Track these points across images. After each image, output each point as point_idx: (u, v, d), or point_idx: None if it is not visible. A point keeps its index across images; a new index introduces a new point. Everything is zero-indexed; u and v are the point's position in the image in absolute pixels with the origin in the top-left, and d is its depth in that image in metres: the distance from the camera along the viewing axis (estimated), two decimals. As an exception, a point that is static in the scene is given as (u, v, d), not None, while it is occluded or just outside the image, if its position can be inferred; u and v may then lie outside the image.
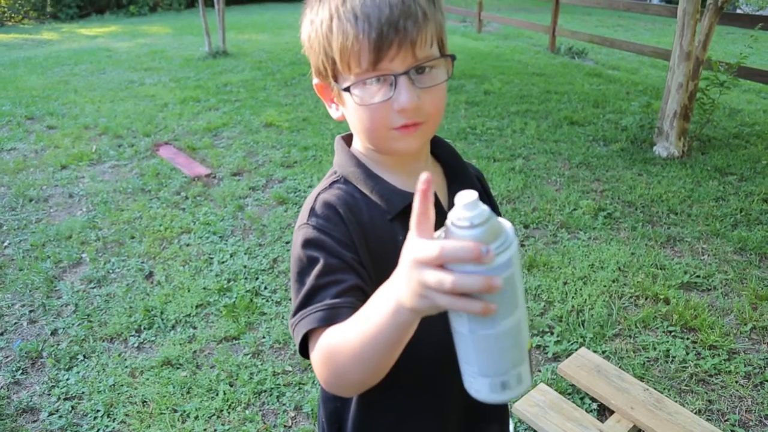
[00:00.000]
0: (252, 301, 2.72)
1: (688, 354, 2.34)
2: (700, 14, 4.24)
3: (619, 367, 2.21)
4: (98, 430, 2.05)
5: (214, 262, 3.06)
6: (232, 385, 2.23)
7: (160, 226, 3.45)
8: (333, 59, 0.72)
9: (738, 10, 10.40)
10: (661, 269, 2.93)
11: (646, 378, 2.22)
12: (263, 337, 2.48)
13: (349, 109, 0.76)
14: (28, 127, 5.43)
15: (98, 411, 2.12)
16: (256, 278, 2.90)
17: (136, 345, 2.47)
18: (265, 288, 2.82)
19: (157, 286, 2.88)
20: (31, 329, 2.60)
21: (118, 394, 2.20)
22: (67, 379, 2.29)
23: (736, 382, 2.20)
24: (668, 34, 8.95)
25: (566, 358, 2.23)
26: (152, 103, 6.12)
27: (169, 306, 2.70)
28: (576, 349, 2.28)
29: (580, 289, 2.76)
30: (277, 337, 2.46)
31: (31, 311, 2.72)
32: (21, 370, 2.35)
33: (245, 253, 3.12)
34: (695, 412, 2.03)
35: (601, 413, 2.06)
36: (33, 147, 4.87)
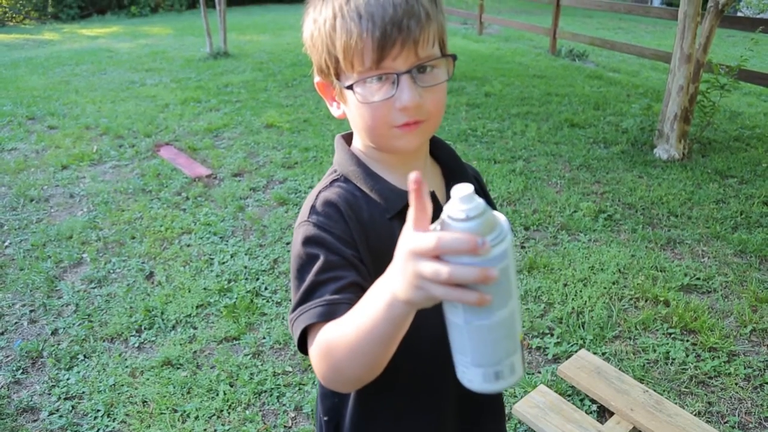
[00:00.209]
0: (252, 301, 2.72)
1: (687, 356, 2.34)
2: (700, 17, 4.25)
3: (619, 369, 2.21)
4: (98, 430, 2.05)
5: (215, 262, 3.06)
6: (232, 386, 2.23)
7: (161, 226, 3.45)
8: (336, 57, 0.73)
9: (739, 13, 10.39)
10: (662, 271, 2.93)
11: (646, 380, 2.22)
12: (263, 338, 2.48)
13: (351, 107, 0.77)
14: (29, 127, 5.44)
15: (98, 411, 2.12)
16: (257, 279, 2.90)
17: (136, 345, 2.47)
18: (266, 289, 2.82)
19: (157, 286, 2.88)
20: (32, 329, 2.61)
21: (119, 393, 2.20)
22: (68, 379, 2.29)
23: (736, 384, 2.20)
24: (669, 37, 8.96)
25: (566, 360, 2.23)
26: (153, 103, 6.13)
27: (169, 306, 2.70)
28: (576, 351, 2.29)
29: (581, 291, 2.76)
30: (278, 338, 2.47)
31: (31, 311, 2.72)
32: (21, 370, 2.35)
33: (246, 254, 3.12)
34: (695, 414, 2.03)
35: (601, 415, 2.06)
36: (34, 147, 4.88)
